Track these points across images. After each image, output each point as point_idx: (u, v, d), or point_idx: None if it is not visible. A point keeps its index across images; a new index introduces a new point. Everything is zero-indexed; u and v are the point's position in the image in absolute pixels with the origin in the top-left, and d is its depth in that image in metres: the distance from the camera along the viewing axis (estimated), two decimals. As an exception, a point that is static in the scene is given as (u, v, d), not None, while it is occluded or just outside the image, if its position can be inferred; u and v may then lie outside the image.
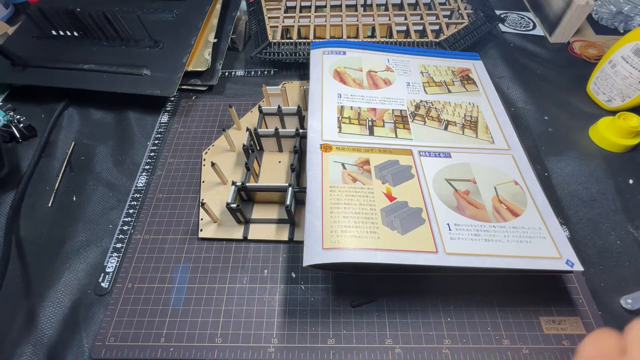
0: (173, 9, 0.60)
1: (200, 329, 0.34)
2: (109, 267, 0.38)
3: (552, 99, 0.53)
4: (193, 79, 0.55)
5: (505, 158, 0.40)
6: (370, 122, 0.43)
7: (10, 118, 0.50)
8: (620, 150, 0.46)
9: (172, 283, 0.37)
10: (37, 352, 0.34)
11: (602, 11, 0.63)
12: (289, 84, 0.54)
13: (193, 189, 0.44)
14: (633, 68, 0.46)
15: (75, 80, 0.53)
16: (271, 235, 0.39)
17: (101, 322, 0.35)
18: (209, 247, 0.40)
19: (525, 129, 0.49)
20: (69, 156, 0.48)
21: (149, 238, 0.40)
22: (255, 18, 0.60)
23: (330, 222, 0.33)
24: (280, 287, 0.37)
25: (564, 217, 0.41)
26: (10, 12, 0.68)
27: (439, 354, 0.33)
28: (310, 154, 0.39)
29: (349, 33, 0.59)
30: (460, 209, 0.35)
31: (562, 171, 0.45)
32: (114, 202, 0.44)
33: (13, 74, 0.54)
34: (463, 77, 0.49)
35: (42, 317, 0.35)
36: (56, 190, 0.45)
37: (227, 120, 0.51)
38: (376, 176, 0.37)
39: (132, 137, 0.50)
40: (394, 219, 0.34)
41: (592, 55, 0.58)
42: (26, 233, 0.41)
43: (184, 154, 0.48)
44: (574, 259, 0.32)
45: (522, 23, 0.65)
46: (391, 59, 0.50)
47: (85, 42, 0.57)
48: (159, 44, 0.55)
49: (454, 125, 0.43)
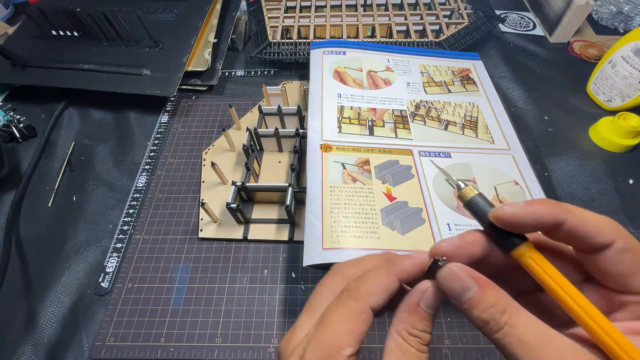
0: (173, 9, 0.60)
1: (200, 329, 0.34)
2: (109, 267, 0.38)
3: (552, 99, 0.53)
4: (193, 79, 0.55)
5: (505, 158, 0.40)
6: (370, 122, 0.43)
7: (10, 118, 0.50)
8: (620, 150, 0.46)
9: (172, 283, 0.37)
10: (37, 352, 0.34)
11: (602, 11, 0.63)
12: (289, 84, 0.54)
13: (193, 189, 0.44)
14: (633, 68, 0.46)
15: (75, 80, 0.53)
16: (271, 235, 0.39)
17: (101, 322, 0.35)
18: (209, 247, 0.40)
19: (525, 129, 0.49)
20: (69, 156, 0.48)
21: (149, 238, 0.40)
22: (255, 18, 0.60)
23: (330, 222, 0.33)
24: (280, 287, 0.37)
25: (564, 217, 0.41)
26: (10, 12, 0.68)
27: (439, 354, 0.33)
28: (310, 154, 0.39)
29: (349, 33, 0.59)
30: (460, 209, 0.35)
31: (562, 171, 0.45)
32: (114, 202, 0.44)
33: (13, 74, 0.54)
34: (463, 77, 0.49)
35: (42, 317, 0.36)
36: (56, 190, 0.45)
37: (227, 120, 0.51)
38: (376, 176, 0.37)
39: (132, 137, 0.50)
40: (394, 219, 0.34)
41: (592, 55, 0.58)
42: (26, 233, 0.41)
43: (184, 154, 0.48)
44: (574, 259, 0.32)
45: (522, 23, 0.65)
46: (391, 59, 0.50)
47: (85, 42, 0.57)
48: (159, 44, 0.55)
49: (454, 125, 0.43)
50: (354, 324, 0.17)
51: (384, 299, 0.18)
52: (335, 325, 0.17)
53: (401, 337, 0.17)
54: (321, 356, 0.17)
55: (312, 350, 0.17)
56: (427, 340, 0.18)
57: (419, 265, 0.19)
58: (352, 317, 0.18)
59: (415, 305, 0.18)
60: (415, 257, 0.19)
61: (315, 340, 0.17)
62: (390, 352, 0.17)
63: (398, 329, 0.18)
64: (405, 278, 0.19)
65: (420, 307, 0.18)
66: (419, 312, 0.18)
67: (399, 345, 0.17)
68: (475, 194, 0.19)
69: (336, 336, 0.17)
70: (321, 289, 0.20)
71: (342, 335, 0.17)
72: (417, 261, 0.19)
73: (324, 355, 0.17)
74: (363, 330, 0.17)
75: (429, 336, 0.18)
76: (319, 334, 0.18)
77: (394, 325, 0.18)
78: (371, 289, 0.18)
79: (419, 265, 0.19)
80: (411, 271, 0.19)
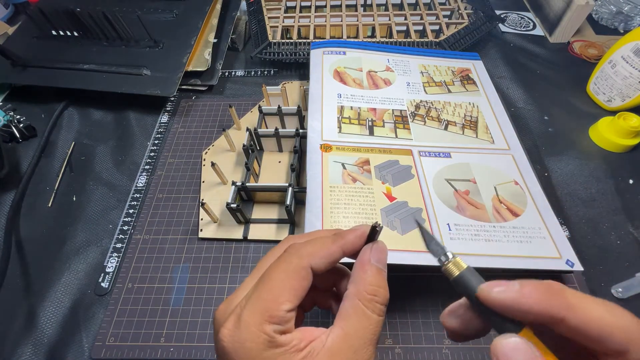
0: (173, 9, 0.60)
1: (200, 329, 0.34)
2: (109, 267, 0.38)
3: (552, 99, 0.53)
4: (193, 79, 0.55)
5: (505, 158, 0.40)
6: (370, 122, 0.43)
7: (10, 118, 0.50)
8: (620, 150, 0.46)
9: (172, 283, 0.37)
10: (37, 352, 0.34)
11: (602, 11, 0.63)
12: (289, 84, 0.54)
13: (193, 189, 0.44)
14: (633, 68, 0.46)
15: (75, 80, 0.53)
16: (271, 235, 0.39)
17: (101, 322, 0.35)
18: (209, 247, 0.40)
19: (525, 129, 0.49)
20: (69, 156, 0.48)
21: (149, 238, 0.40)
22: (255, 18, 0.60)
23: (330, 222, 0.33)
24: (280, 287, 0.37)
25: (564, 217, 0.41)
26: (10, 12, 0.68)
27: (439, 354, 0.33)
28: (310, 154, 0.39)
29: (349, 33, 0.59)
30: (460, 209, 0.35)
31: (562, 171, 0.45)
32: (114, 202, 0.44)
33: (13, 74, 0.54)
34: (463, 77, 0.49)
35: (42, 317, 0.35)
36: (56, 190, 0.45)
37: (227, 120, 0.51)
38: (376, 176, 0.37)
39: (132, 137, 0.50)
40: (394, 219, 0.34)
41: (592, 55, 0.58)
42: (26, 233, 0.41)
43: (184, 154, 0.48)
44: (574, 259, 0.32)
45: (522, 23, 0.65)
46: (391, 59, 0.50)
47: (85, 42, 0.57)
48: (159, 44, 0.55)
49: (454, 125, 0.43)
50: (293, 280, 0.17)
51: (325, 263, 0.18)
52: (275, 282, 0.17)
53: (358, 298, 0.17)
54: (259, 311, 0.16)
55: (250, 307, 0.17)
56: (384, 300, 0.18)
57: (361, 235, 0.19)
58: (292, 272, 0.18)
59: (367, 261, 0.19)
60: (357, 229, 0.20)
61: (254, 297, 0.17)
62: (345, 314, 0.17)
63: (354, 291, 0.18)
64: (349, 249, 0.19)
65: (371, 263, 0.18)
66: (372, 267, 0.18)
67: (355, 307, 0.17)
68: (464, 268, 0.18)
69: (275, 291, 0.17)
70: (268, 254, 0.21)
71: (281, 290, 0.17)
72: (359, 232, 0.19)
73: (262, 310, 0.17)
74: (303, 286, 0.18)
75: (385, 294, 0.18)
76: (258, 291, 0.17)
77: (349, 289, 0.18)
78: (314, 251, 0.18)
79: (361, 235, 0.19)
80: (354, 242, 0.19)
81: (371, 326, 0.17)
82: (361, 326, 0.17)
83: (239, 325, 0.16)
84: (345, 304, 0.18)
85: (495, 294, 0.16)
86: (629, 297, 0.35)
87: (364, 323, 0.17)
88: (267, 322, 0.16)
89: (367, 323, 0.17)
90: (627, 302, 0.35)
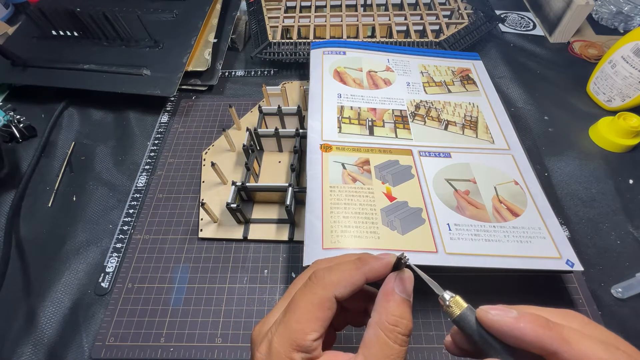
0: (173, 9, 0.60)
1: (200, 329, 0.34)
2: (109, 267, 0.38)
3: (552, 99, 0.53)
4: (193, 79, 0.55)
5: (505, 158, 0.40)
6: (370, 122, 0.43)
7: (10, 118, 0.50)
8: (620, 150, 0.46)
9: (172, 283, 0.37)
10: (37, 352, 0.34)
11: (602, 11, 0.63)
12: (289, 84, 0.54)
13: (193, 189, 0.44)
14: (633, 68, 0.46)
15: (75, 80, 0.53)
16: (271, 235, 0.39)
17: (101, 322, 0.35)
18: (209, 247, 0.40)
19: (525, 129, 0.49)
20: (69, 156, 0.48)
21: (149, 238, 0.40)
22: (255, 18, 0.60)
23: (330, 222, 0.33)
24: (280, 287, 0.37)
25: (564, 217, 0.41)
26: (10, 12, 0.68)
27: (439, 354, 0.33)
28: (310, 154, 0.39)
29: (349, 33, 0.59)
30: (460, 209, 0.35)
31: (562, 171, 0.45)
32: (114, 202, 0.44)
33: (13, 74, 0.54)
34: (463, 77, 0.49)
35: (42, 317, 0.35)
36: (56, 190, 0.45)
37: (227, 120, 0.51)
38: (376, 176, 0.37)
39: (132, 137, 0.50)
40: (394, 219, 0.34)
41: (592, 55, 0.58)
42: (26, 233, 0.41)
43: (184, 154, 0.48)
44: (574, 259, 0.32)
45: (522, 23, 0.65)
46: (391, 59, 0.50)
47: (85, 42, 0.57)
48: (159, 44, 0.55)
49: (454, 125, 0.43)
50: (318, 311, 0.18)
51: (348, 291, 0.19)
52: (302, 312, 0.18)
53: (380, 328, 0.18)
54: (288, 341, 0.18)
55: (280, 335, 0.18)
56: (406, 330, 0.18)
57: (386, 264, 0.20)
58: (317, 304, 0.18)
59: (391, 291, 0.19)
60: (383, 258, 0.20)
61: (283, 325, 0.18)
62: (368, 342, 0.18)
63: (377, 320, 0.18)
64: (373, 276, 0.20)
65: (394, 292, 0.19)
66: (395, 297, 0.19)
67: (377, 337, 0.18)
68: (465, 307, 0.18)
69: (302, 323, 0.18)
70: (297, 279, 0.21)
71: (307, 321, 0.18)
72: (385, 261, 0.20)
73: (290, 340, 0.18)
74: (327, 316, 0.18)
75: (408, 325, 0.18)
76: (286, 320, 0.18)
77: (372, 317, 0.19)
78: (338, 280, 0.19)
79: (386, 264, 0.20)
80: (378, 270, 0.20)
81: (393, 356, 0.17)
82: (383, 355, 0.17)
83: (270, 352, 0.18)
84: (369, 332, 0.18)
85: (493, 315, 0.17)
86: (628, 297, 0.35)
87: (386, 352, 0.17)
88: (295, 351, 0.18)
89: (389, 352, 0.17)
90: (627, 303, 0.35)
